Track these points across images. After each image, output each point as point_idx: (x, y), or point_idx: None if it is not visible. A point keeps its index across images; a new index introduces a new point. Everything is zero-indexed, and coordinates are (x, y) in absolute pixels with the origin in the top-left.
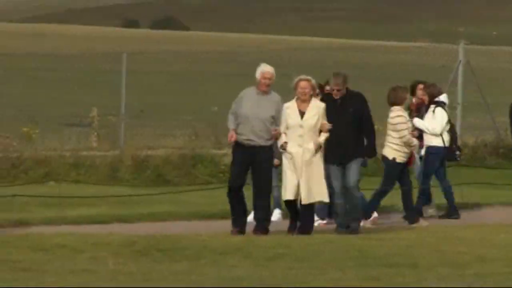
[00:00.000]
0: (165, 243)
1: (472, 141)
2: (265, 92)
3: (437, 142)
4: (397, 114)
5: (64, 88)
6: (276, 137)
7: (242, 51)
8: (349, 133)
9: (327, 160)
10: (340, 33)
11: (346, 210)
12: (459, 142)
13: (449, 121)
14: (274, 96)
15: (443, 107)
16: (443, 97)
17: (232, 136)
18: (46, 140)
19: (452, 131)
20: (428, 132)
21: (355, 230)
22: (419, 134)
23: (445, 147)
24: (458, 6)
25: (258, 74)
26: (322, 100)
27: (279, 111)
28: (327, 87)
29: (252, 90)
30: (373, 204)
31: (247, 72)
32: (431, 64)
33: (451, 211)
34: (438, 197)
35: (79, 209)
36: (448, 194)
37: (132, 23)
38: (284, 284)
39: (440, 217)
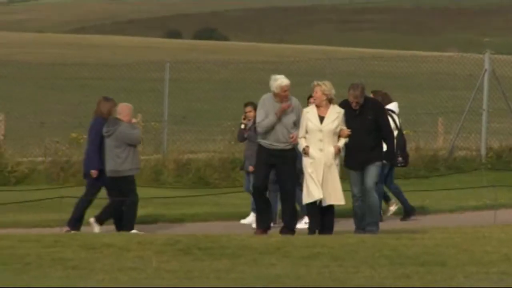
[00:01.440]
0: (206, 242)
1: (497, 146)
2: (285, 101)
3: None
4: None
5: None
6: (295, 142)
7: (279, 60)
8: (368, 139)
9: (347, 166)
10: (372, 43)
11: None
12: (484, 146)
13: (398, 129)
14: (294, 101)
15: (390, 115)
16: (392, 106)
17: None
18: None
19: (399, 138)
20: None
21: (374, 231)
22: None
23: None
24: (484, 19)
25: (276, 88)
26: (341, 105)
27: (299, 115)
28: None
29: (269, 97)
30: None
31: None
32: (459, 73)
33: (408, 210)
34: (414, 200)
35: None
36: (399, 196)
37: (174, 34)
38: (320, 281)
39: (401, 219)
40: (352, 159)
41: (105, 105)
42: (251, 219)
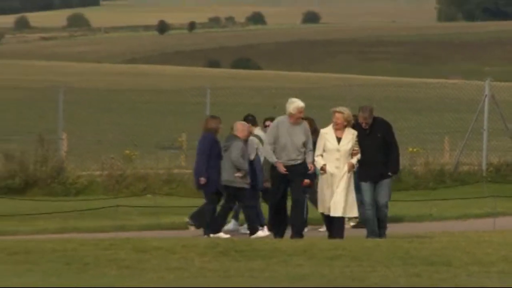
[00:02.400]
0: (242, 245)
1: (496, 161)
2: (298, 123)
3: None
4: None
5: (159, 117)
6: (312, 170)
7: (306, 87)
8: (379, 155)
9: (360, 178)
10: (387, 72)
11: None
12: (485, 162)
13: None
14: (304, 125)
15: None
16: None
17: (281, 167)
18: (144, 160)
19: None
20: None
21: (383, 236)
22: None
23: None
24: (485, 50)
25: (293, 109)
26: (353, 127)
27: (308, 136)
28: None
29: (284, 121)
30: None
31: (312, 104)
32: (463, 97)
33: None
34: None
35: (171, 217)
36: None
37: (214, 64)
38: (342, 280)
39: (353, 227)
40: (365, 173)
41: (212, 122)
42: (232, 226)
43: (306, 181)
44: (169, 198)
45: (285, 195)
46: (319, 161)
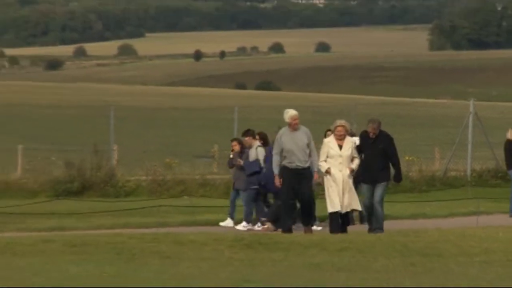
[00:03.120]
0: (265, 238)
1: (479, 168)
2: (296, 129)
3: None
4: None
5: (194, 131)
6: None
7: (319, 105)
8: (379, 162)
9: (361, 181)
10: (386, 93)
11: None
12: (469, 169)
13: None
14: (303, 128)
15: (261, 146)
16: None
17: (277, 182)
18: (182, 167)
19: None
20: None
21: (380, 232)
22: None
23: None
24: (469, 75)
25: (288, 118)
26: (360, 136)
27: (310, 138)
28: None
29: (286, 130)
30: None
31: (323, 120)
32: (451, 114)
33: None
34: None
35: (205, 215)
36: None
37: (241, 86)
38: (349, 267)
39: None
40: (365, 176)
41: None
42: (228, 222)
43: (316, 175)
44: (203, 199)
45: (294, 194)
46: (324, 166)
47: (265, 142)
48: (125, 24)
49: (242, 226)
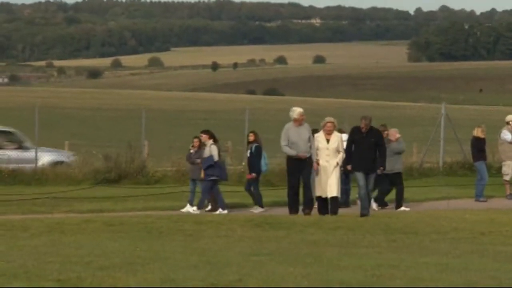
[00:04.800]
0: (271, 219)
1: (449, 160)
2: (301, 124)
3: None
4: None
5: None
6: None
7: (316, 108)
8: (370, 153)
9: (355, 169)
10: (372, 98)
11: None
12: (441, 161)
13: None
14: (306, 125)
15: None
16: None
17: (300, 156)
18: None
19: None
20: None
21: (366, 215)
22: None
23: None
24: (442, 82)
25: (296, 115)
26: (353, 130)
27: (310, 132)
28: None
29: (291, 125)
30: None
31: (318, 120)
32: (426, 116)
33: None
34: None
35: None
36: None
37: (251, 92)
38: (341, 243)
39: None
40: (358, 165)
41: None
42: (188, 208)
43: (315, 165)
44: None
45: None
46: (315, 157)
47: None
48: (154, 40)
49: (193, 210)
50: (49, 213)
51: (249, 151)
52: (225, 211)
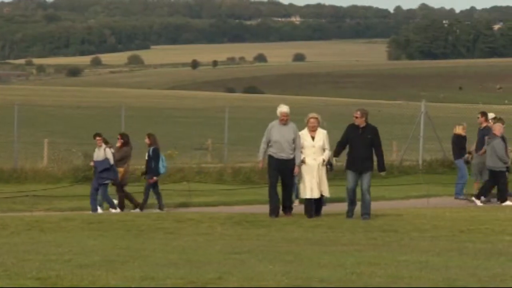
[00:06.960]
0: (251, 217)
1: (429, 158)
2: (285, 124)
3: None
4: None
5: (192, 127)
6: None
7: (296, 106)
8: (366, 151)
9: (348, 168)
10: (353, 95)
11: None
12: (421, 159)
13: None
14: (291, 124)
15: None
16: None
17: (260, 164)
18: (181, 157)
19: None
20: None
21: (367, 219)
22: None
23: None
24: (422, 81)
25: (278, 113)
26: (349, 127)
27: (297, 134)
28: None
29: (276, 123)
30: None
31: (300, 118)
32: (406, 114)
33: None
34: (378, 192)
35: (201, 198)
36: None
37: (231, 90)
38: (321, 241)
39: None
40: (352, 164)
41: None
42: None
43: (297, 169)
44: (199, 184)
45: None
46: (300, 156)
47: (126, 142)
48: (134, 38)
49: (113, 212)
50: (28, 211)
51: (147, 154)
52: (117, 210)
